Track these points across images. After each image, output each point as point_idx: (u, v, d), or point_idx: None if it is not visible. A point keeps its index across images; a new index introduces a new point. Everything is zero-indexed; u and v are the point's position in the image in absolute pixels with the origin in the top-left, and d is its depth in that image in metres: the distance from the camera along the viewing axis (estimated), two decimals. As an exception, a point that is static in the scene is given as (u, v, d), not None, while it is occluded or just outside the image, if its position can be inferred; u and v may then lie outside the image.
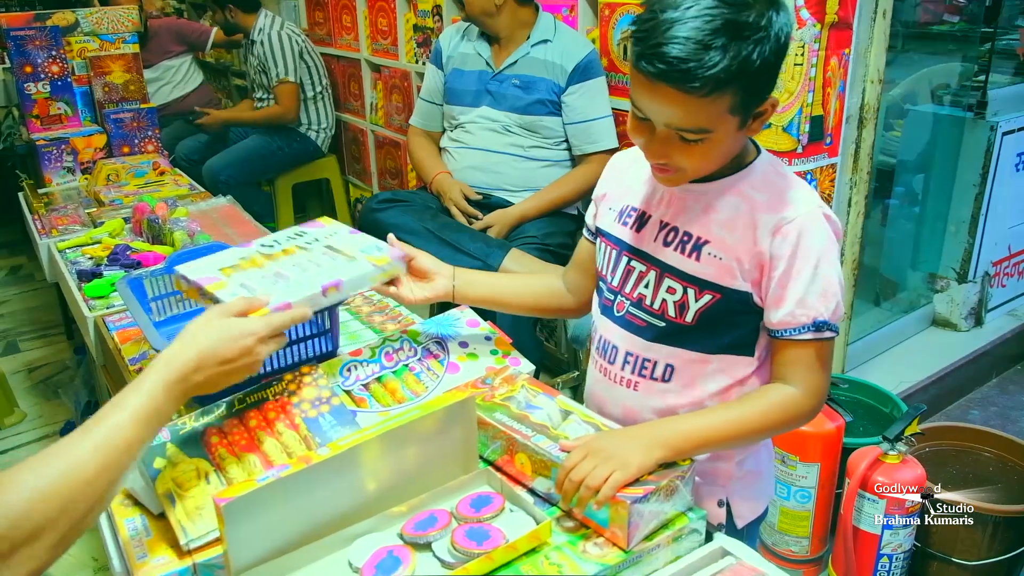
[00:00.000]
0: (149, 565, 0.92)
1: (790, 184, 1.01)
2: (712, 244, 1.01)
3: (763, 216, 0.98)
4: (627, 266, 1.09)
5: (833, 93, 1.94)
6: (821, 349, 1.00)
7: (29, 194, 2.68)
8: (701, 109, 0.90)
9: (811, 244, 0.97)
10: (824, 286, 0.97)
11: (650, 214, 1.08)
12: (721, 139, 0.94)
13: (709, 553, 0.97)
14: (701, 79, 0.86)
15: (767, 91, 0.94)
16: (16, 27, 2.83)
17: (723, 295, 1.01)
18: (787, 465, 1.83)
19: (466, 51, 2.31)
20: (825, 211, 0.99)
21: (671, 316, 1.04)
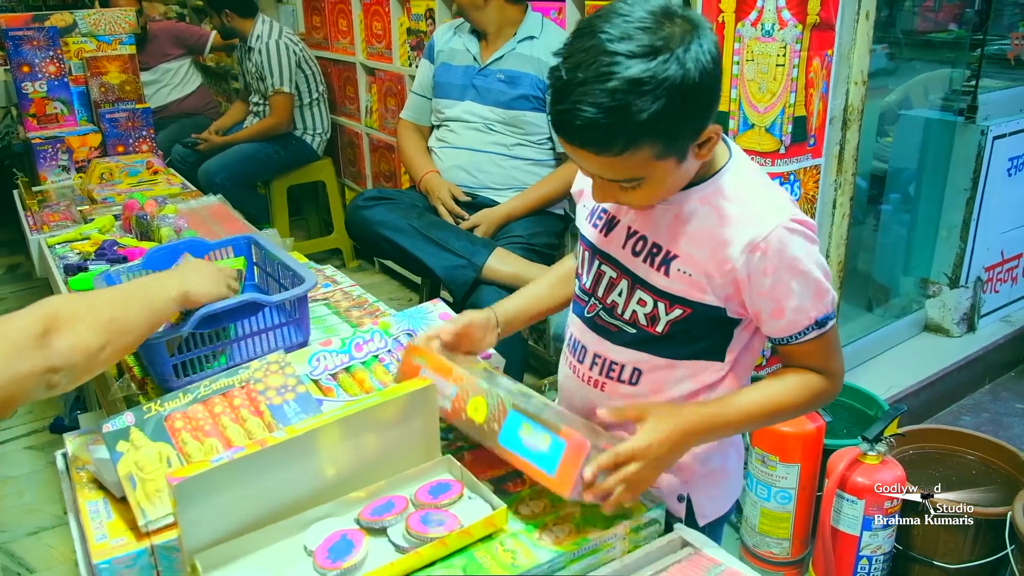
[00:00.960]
0: (108, 545, 0.93)
1: (760, 193, 0.99)
2: (680, 260, 1.00)
3: (734, 232, 0.96)
4: (598, 270, 1.08)
5: (816, 94, 1.95)
6: (828, 339, 1.00)
7: (24, 191, 2.70)
8: (621, 164, 0.89)
9: (793, 254, 0.95)
10: (816, 287, 0.97)
11: (619, 219, 1.07)
12: (661, 179, 0.93)
13: (668, 543, 0.97)
14: (608, 145, 0.86)
15: (696, 126, 0.90)
16: (15, 27, 2.86)
17: (693, 309, 1.00)
18: (767, 466, 1.83)
19: (456, 46, 2.33)
20: (796, 216, 0.96)
21: (642, 324, 1.04)
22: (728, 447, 1.12)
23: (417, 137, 2.46)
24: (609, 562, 0.93)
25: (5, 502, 2.34)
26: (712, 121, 0.92)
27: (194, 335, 1.24)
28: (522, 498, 0.98)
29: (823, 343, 1.00)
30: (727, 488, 1.13)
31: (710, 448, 1.07)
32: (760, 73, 1.91)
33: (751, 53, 1.90)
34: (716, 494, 1.11)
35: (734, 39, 1.93)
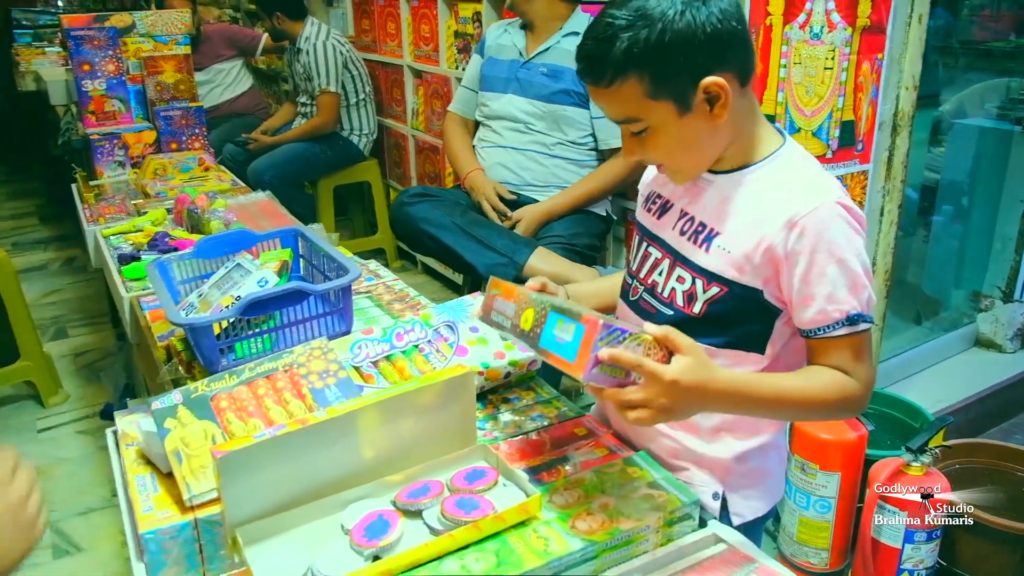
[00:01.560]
0: (154, 517, 0.95)
1: (809, 174, 0.99)
2: (722, 236, 1.00)
3: (777, 209, 0.96)
4: (645, 251, 1.10)
5: (865, 98, 1.92)
6: (859, 342, 0.97)
7: (81, 185, 2.79)
8: (614, 99, 0.95)
9: (833, 237, 0.94)
10: (852, 278, 0.94)
11: (673, 202, 1.09)
12: (663, 127, 0.96)
13: (702, 539, 0.97)
14: (598, 71, 0.94)
15: (688, 71, 0.92)
16: (77, 27, 2.95)
17: (729, 288, 1.00)
18: (807, 474, 1.80)
19: (504, 42, 2.37)
20: (844, 200, 0.95)
21: (679, 305, 1.04)
22: (769, 448, 1.09)
23: (463, 132, 2.49)
24: (641, 554, 0.93)
25: (57, 483, 2.42)
26: (722, 75, 0.93)
27: (240, 320, 1.27)
28: (556, 488, 0.99)
29: (853, 344, 0.96)
30: (765, 490, 1.11)
31: (748, 447, 1.06)
32: (807, 76, 1.89)
33: (798, 56, 1.89)
34: (753, 495, 1.09)
35: (782, 42, 1.91)
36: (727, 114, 0.95)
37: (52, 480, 2.44)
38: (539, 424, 1.16)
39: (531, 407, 1.20)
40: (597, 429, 1.13)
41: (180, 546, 0.95)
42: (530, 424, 1.16)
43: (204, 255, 1.55)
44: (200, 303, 1.41)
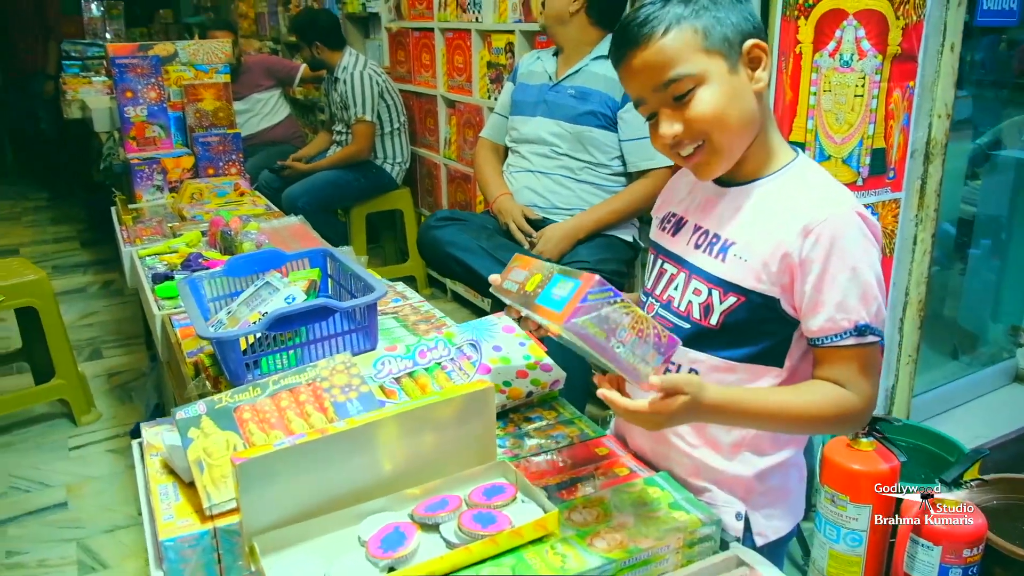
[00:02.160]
0: (174, 525, 0.96)
1: (823, 184, 1.00)
2: (738, 246, 1.01)
3: (793, 216, 0.97)
4: (660, 268, 1.10)
5: (896, 126, 1.91)
6: (866, 355, 0.97)
7: (120, 208, 2.86)
8: (668, 52, 0.96)
9: (846, 245, 0.94)
10: (864, 287, 0.94)
11: (687, 219, 1.10)
12: (716, 85, 0.97)
13: (723, 561, 0.95)
14: (653, 22, 0.96)
15: (736, 25, 0.97)
16: (122, 56, 3.05)
17: (747, 298, 1.00)
18: (836, 505, 1.75)
19: (535, 68, 2.40)
20: (860, 210, 0.96)
21: (696, 318, 1.04)
22: (789, 466, 1.09)
23: (494, 157, 2.52)
24: (661, 574, 0.92)
25: (85, 501, 2.44)
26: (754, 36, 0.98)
27: (267, 336, 1.29)
28: (575, 505, 0.98)
29: (860, 356, 0.96)
30: (787, 508, 1.10)
31: (768, 464, 1.05)
32: (838, 104, 1.89)
33: (828, 83, 1.88)
34: (775, 513, 1.08)
35: (811, 70, 1.91)
36: (765, 84, 0.99)
37: (80, 498, 2.46)
38: (560, 443, 1.15)
39: (553, 426, 1.20)
40: (618, 449, 1.12)
41: (199, 555, 0.96)
42: (551, 443, 1.15)
43: (234, 273, 1.57)
44: (229, 319, 1.43)
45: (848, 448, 1.77)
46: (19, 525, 2.34)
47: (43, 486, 2.54)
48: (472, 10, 3.33)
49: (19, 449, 2.77)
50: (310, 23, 3.87)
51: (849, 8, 1.83)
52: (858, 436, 1.76)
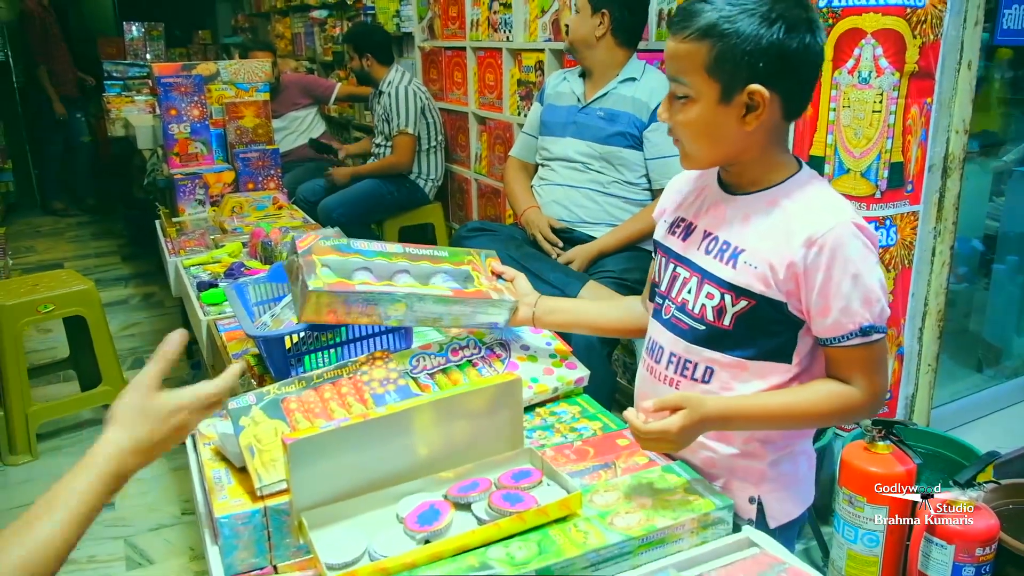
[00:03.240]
0: (228, 504, 1.05)
1: (824, 196, 1.07)
2: (747, 253, 1.08)
3: (796, 227, 1.04)
4: (673, 272, 1.17)
5: (914, 141, 1.96)
6: (872, 352, 1.05)
7: (165, 221, 2.99)
8: (681, 53, 1.04)
9: (847, 254, 1.02)
10: (866, 293, 1.02)
11: (696, 224, 1.17)
12: (702, 104, 1.04)
13: (735, 542, 1.02)
14: (685, 21, 1.03)
15: (749, 69, 1.01)
16: (166, 75, 3.20)
17: (757, 302, 1.07)
18: (854, 506, 1.80)
19: (562, 89, 2.48)
20: (857, 221, 1.03)
21: (710, 320, 1.11)
22: (799, 455, 1.16)
23: (523, 175, 2.60)
24: (676, 553, 0.99)
25: (131, 500, 2.55)
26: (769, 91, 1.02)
27: (309, 335, 1.38)
28: (596, 489, 1.05)
29: (866, 354, 1.04)
30: (797, 492, 1.17)
31: (780, 454, 1.12)
32: (856, 119, 1.95)
33: (847, 100, 1.95)
34: (786, 497, 1.15)
35: (831, 86, 1.98)
36: (755, 128, 1.05)
37: (127, 498, 2.57)
38: (584, 435, 1.22)
39: (578, 420, 1.27)
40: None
41: (251, 532, 1.04)
42: (575, 434, 1.22)
43: (277, 279, 1.67)
44: (273, 321, 1.53)
45: (865, 451, 1.82)
46: (67, 522, 2.45)
47: (90, 486, 2.65)
48: (503, 29, 3.43)
49: (68, 453, 2.89)
50: (365, 35, 4.00)
51: (867, 28, 1.90)
52: (875, 440, 1.81)
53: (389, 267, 1.29)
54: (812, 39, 1.02)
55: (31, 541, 0.88)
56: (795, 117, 1.09)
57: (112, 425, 0.96)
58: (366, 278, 1.24)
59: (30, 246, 5.78)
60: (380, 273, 1.27)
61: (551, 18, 3.11)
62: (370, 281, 1.23)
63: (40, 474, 2.73)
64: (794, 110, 1.08)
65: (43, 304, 2.76)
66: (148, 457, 0.96)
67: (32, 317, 2.76)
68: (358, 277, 1.24)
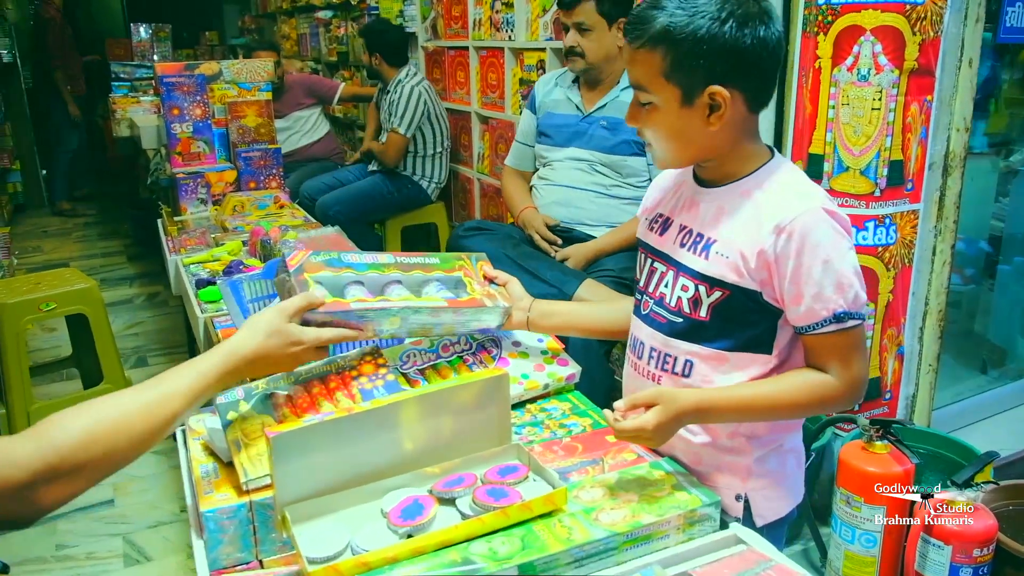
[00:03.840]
0: (214, 498, 1.05)
1: (795, 183, 1.07)
2: (719, 243, 1.08)
3: (766, 215, 1.04)
4: (651, 267, 1.17)
5: (914, 139, 1.95)
6: (849, 338, 1.04)
7: (166, 220, 3.00)
8: (637, 63, 1.05)
9: (817, 240, 1.01)
10: (837, 278, 1.02)
11: (673, 219, 1.17)
12: (665, 109, 1.05)
13: (722, 539, 1.01)
14: (638, 30, 1.03)
15: (706, 71, 1.01)
16: (169, 74, 3.21)
17: (732, 291, 1.07)
18: (851, 507, 1.79)
19: (558, 97, 2.46)
20: (827, 206, 1.03)
21: (687, 312, 1.11)
22: (786, 452, 1.15)
23: (520, 180, 2.60)
24: (662, 549, 0.98)
25: (131, 498, 2.56)
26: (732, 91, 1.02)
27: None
28: (583, 485, 1.05)
29: (841, 341, 1.03)
30: (785, 490, 1.16)
31: (766, 450, 1.11)
32: (855, 117, 1.94)
33: (846, 97, 1.94)
34: (773, 495, 1.14)
35: (830, 84, 1.97)
36: (721, 126, 1.05)
37: (127, 495, 2.58)
38: (573, 431, 1.22)
39: (567, 416, 1.27)
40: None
41: (236, 526, 1.04)
42: (565, 431, 1.22)
43: (272, 276, 1.67)
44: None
45: (863, 451, 1.80)
46: (69, 520, 2.46)
47: (90, 484, 2.66)
48: (505, 29, 3.43)
49: (68, 449, 2.90)
50: (379, 34, 3.98)
51: (866, 24, 1.89)
52: (872, 439, 1.80)
53: (381, 279, 1.27)
54: (767, 30, 1.01)
55: (153, 395, 1.00)
56: (761, 108, 1.09)
57: (245, 331, 1.09)
58: (359, 293, 1.23)
59: (37, 246, 5.81)
60: (372, 286, 1.26)
61: (552, 17, 3.11)
62: (364, 298, 1.21)
63: (41, 471, 2.74)
64: (759, 103, 1.08)
65: (45, 302, 2.77)
66: (259, 371, 1.10)
67: (34, 315, 2.77)
68: (351, 293, 1.23)
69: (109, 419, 0.94)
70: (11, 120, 6.45)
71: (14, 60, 6.41)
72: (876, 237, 1.99)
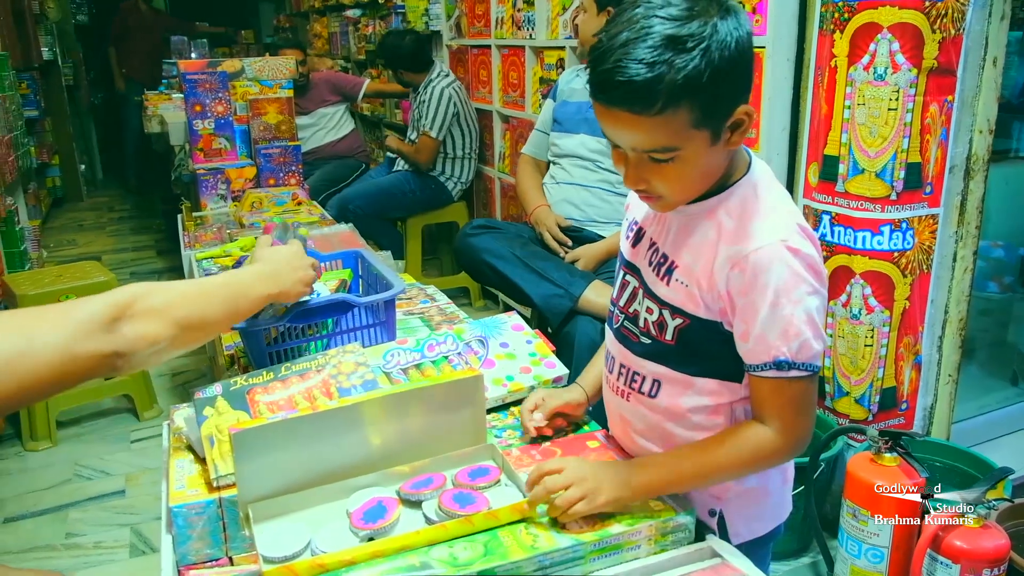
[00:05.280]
0: (184, 494, 1.04)
1: (762, 210, 0.97)
2: (680, 270, 1.01)
3: (724, 247, 0.96)
4: (623, 280, 1.12)
5: (933, 141, 1.88)
6: (789, 388, 0.95)
7: (186, 215, 3.02)
8: (659, 128, 0.89)
9: (767, 280, 0.92)
10: (783, 325, 0.93)
11: (645, 230, 1.10)
12: (693, 157, 0.92)
13: (697, 551, 0.97)
14: (649, 99, 0.86)
15: (731, 99, 0.91)
16: (192, 72, 3.24)
17: (691, 320, 1.00)
18: (858, 520, 1.74)
19: (575, 86, 2.45)
20: (791, 243, 0.93)
21: (653, 334, 1.05)
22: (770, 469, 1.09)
23: (534, 172, 2.58)
24: (632, 560, 0.95)
25: (141, 489, 2.58)
26: (745, 102, 0.93)
27: (291, 329, 1.37)
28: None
29: (779, 389, 0.95)
30: (766, 509, 1.10)
31: None
32: (871, 117, 1.88)
33: (862, 97, 1.88)
34: (752, 514, 1.08)
35: (846, 83, 1.91)
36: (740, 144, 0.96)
37: (137, 486, 2.60)
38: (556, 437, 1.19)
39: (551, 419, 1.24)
40: (609, 443, 1.16)
41: (205, 522, 1.03)
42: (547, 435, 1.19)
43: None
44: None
45: (871, 463, 1.75)
46: (80, 509, 2.49)
47: (104, 474, 2.69)
48: (526, 27, 3.41)
49: (86, 440, 2.94)
50: (392, 50, 3.97)
51: (884, 22, 1.83)
52: (881, 451, 1.74)
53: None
54: (739, 23, 0.90)
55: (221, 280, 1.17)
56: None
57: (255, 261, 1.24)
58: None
59: (72, 239, 5.92)
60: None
61: (572, 15, 3.07)
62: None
63: (59, 460, 2.78)
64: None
65: (64, 294, 2.81)
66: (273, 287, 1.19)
67: (53, 307, 2.81)
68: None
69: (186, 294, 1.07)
70: (51, 115, 6.59)
71: (55, 58, 6.54)
72: (892, 242, 1.93)
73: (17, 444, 2.88)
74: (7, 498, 2.56)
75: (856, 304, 1.99)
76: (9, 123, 4.02)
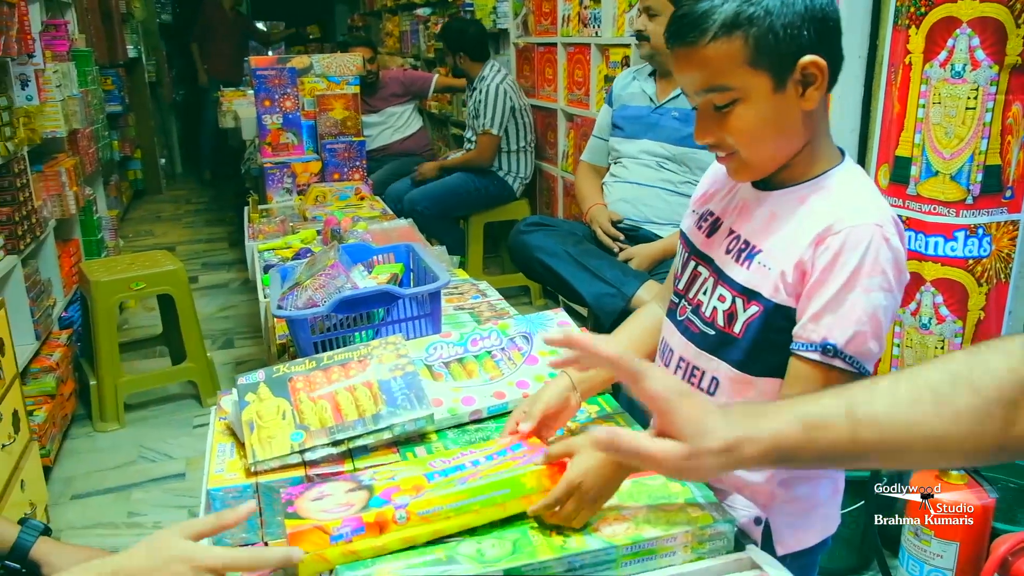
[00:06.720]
0: (222, 477, 1.06)
1: (859, 194, 0.96)
2: (764, 254, 0.98)
3: (813, 223, 0.93)
4: (694, 270, 1.09)
5: (1015, 142, 1.78)
6: (826, 380, 0.91)
7: (252, 208, 3.09)
8: (709, 61, 0.91)
9: (848, 259, 0.89)
10: (845, 309, 0.89)
11: (723, 221, 1.08)
12: (756, 104, 0.92)
13: (736, 561, 0.93)
14: (702, 25, 0.90)
15: (793, 45, 0.90)
16: (262, 67, 3.31)
17: (765, 308, 0.97)
18: (920, 539, 1.66)
19: (633, 90, 2.40)
20: (886, 232, 0.90)
21: (720, 325, 1.02)
22: (819, 478, 1.04)
23: (593, 176, 2.55)
24: (666, 567, 0.92)
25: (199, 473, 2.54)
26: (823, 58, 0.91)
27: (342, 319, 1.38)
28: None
29: (816, 376, 0.91)
30: (815, 520, 1.05)
31: (794, 473, 1.01)
32: (947, 117, 1.79)
33: (938, 95, 1.79)
34: (800, 524, 1.03)
35: (921, 81, 1.82)
36: (816, 104, 0.94)
37: (197, 470, 2.64)
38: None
39: (592, 420, 1.21)
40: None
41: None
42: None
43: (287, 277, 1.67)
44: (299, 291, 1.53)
45: (937, 479, 1.66)
46: (142, 490, 2.57)
47: (167, 457, 2.77)
48: (592, 25, 3.37)
49: (152, 424, 3.03)
50: (457, 33, 4.01)
51: (963, 16, 1.74)
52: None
53: None
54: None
55: None
56: (834, 84, 0.96)
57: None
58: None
59: (149, 230, 6.13)
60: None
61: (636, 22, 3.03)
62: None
63: (125, 442, 2.88)
64: (835, 74, 0.95)
65: (135, 282, 2.91)
66: None
67: (124, 293, 2.91)
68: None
69: None
70: (134, 111, 6.84)
71: (139, 55, 6.79)
72: (966, 248, 1.83)
73: (88, 425, 2.99)
74: (76, 476, 2.66)
75: (926, 313, 1.90)
76: (91, 116, 4.18)
